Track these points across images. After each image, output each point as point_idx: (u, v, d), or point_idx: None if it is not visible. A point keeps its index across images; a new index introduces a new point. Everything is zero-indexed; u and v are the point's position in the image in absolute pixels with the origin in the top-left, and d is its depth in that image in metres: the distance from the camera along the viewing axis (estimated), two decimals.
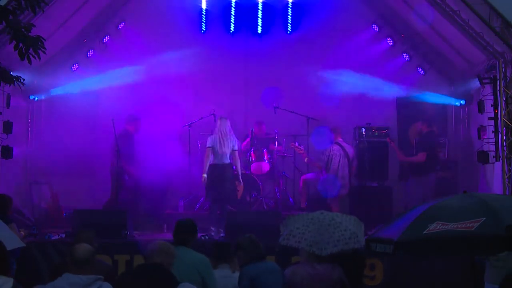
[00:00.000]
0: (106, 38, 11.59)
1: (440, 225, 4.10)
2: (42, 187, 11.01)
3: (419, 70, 11.73)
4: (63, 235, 8.77)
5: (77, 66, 11.50)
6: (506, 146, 9.16)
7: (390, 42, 11.74)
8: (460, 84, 11.22)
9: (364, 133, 10.88)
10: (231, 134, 9.44)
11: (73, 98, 10.95)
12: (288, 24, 11.86)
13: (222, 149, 9.26)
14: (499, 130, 9.19)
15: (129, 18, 11.65)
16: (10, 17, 6.37)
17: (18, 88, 7.18)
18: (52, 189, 10.80)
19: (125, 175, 9.91)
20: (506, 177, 9.10)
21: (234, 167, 9.57)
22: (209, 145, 9.40)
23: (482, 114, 9.73)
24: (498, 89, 9.26)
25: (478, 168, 10.17)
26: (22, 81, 6.80)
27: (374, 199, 10.39)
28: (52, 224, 10.20)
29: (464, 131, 11.47)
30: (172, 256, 4.97)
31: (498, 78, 9.29)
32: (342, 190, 10.24)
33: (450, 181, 10.76)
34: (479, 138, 9.83)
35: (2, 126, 9.71)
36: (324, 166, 10.30)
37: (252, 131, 11.14)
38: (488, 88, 9.62)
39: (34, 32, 6.30)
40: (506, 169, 9.12)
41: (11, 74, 6.88)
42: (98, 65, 11.26)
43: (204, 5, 11.79)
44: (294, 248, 4.80)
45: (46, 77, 11.05)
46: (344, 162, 10.26)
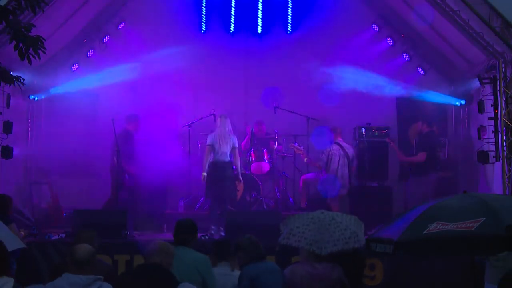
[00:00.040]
0: (106, 38, 11.59)
1: (440, 225, 4.10)
2: (42, 187, 11.02)
3: (419, 70, 11.73)
4: (63, 235, 8.77)
5: (77, 66, 11.50)
6: (506, 146, 9.16)
7: (390, 42, 11.74)
8: (460, 84, 11.22)
9: (364, 133, 10.88)
10: (231, 132, 9.45)
11: (73, 98, 10.95)
12: (288, 24, 11.91)
13: (222, 147, 9.26)
14: (499, 130, 9.19)
15: (129, 18, 11.64)
16: (10, 17, 6.36)
17: (18, 88, 7.17)
18: (52, 189, 10.79)
19: (125, 175, 9.91)
20: (506, 177, 9.09)
21: (234, 167, 9.57)
22: (208, 143, 9.41)
23: (482, 114, 9.73)
24: (498, 89, 9.26)
25: (478, 168, 10.16)
26: (22, 81, 6.78)
27: (374, 199, 10.40)
28: (52, 224, 10.20)
29: (464, 131, 11.47)
30: (171, 256, 4.96)
31: (498, 78, 9.28)
32: (342, 190, 10.24)
33: (450, 181, 10.76)
34: (479, 138, 9.83)
35: (2, 126, 9.70)
36: (323, 166, 10.30)
37: (251, 130, 11.14)
38: (488, 88, 9.61)
39: (34, 32, 6.29)
40: (506, 169, 9.12)
41: (11, 74, 6.86)
42: (98, 65, 11.25)
43: (204, 5, 11.82)
44: (294, 247, 4.79)
45: (46, 77, 11.05)
46: (344, 162, 10.26)
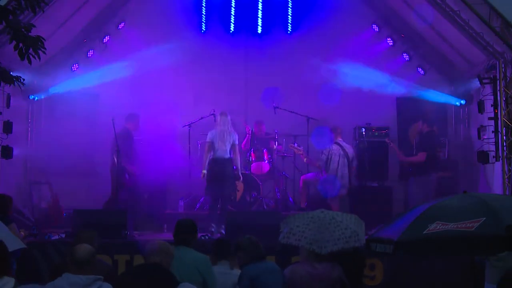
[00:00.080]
0: (106, 38, 11.58)
1: (440, 225, 4.10)
2: (42, 187, 11.01)
3: (419, 70, 11.72)
4: (63, 235, 8.76)
5: (77, 66, 11.49)
6: (506, 146, 9.16)
7: (390, 42, 11.73)
8: (460, 84, 11.22)
9: (364, 133, 10.88)
10: (232, 129, 9.45)
11: (73, 98, 10.94)
12: (288, 24, 11.92)
13: (221, 144, 9.27)
14: (499, 130, 9.19)
15: (129, 18, 11.65)
16: (10, 17, 6.35)
17: (18, 88, 7.17)
18: (52, 189, 10.79)
19: (125, 175, 9.90)
20: (506, 177, 9.09)
21: (235, 167, 9.58)
22: (208, 139, 9.45)
23: (482, 114, 9.73)
24: (498, 89, 9.26)
25: (478, 168, 10.16)
26: (22, 81, 6.78)
27: (374, 199, 10.40)
28: (52, 224, 10.18)
29: (464, 131, 11.47)
30: (171, 256, 4.96)
31: (498, 78, 9.28)
32: (342, 190, 10.24)
33: (450, 181, 10.75)
34: (479, 138, 9.83)
35: (2, 126, 9.71)
36: (323, 165, 10.30)
37: (251, 130, 11.14)
38: (488, 88, 9.61)
39: (34, 32, 6.29)
40: (506, 169, 9.12)
41: (11, 74, 6.86)
42: (98, 65, 11.25)
43: (204, 5, 11.82)
44: (294, 247, 4.79)
45: (46, 77, 11.04)
46: (343, 162, 10.26)
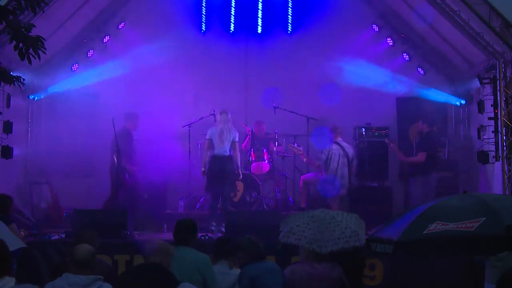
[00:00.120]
0: (106, 38, 11.57)
1: (440, 225, 4.10)
2: (42, 187, 11.00)
3: (419, 70, 11.71)
4: (63, 235, 8.75)
5: (77, 66, 11.49)
6: (506, 146, 9.16)
7: (390, 42, 11.72)
8: (460, 84, 11.21)
9: (364, 133, 10.88)
10: (232, 126, 9.45)
11: (73, 98, 10.94)
12: (288, 24, 11.92)
13: (221, 141, 9.28)
14: (499, 130, 9.19)
15: (129, 18, 11.64)
16: (10, 17, 6.36)
17: (18, 88, 7.17)
18: (52, 189, 10.79)
19: (125, 174, 9.91)
20: (506, 177, 9.10)
21: (235, 167, 9.59)
22: (207, 136, 9.49)
23: (482, 114, 9.73)
24: (498, 89, 9.26)
25: (478, 168, 10.16)
26: (22, 81, 6.78)
27: (374, 199, 10.39)
28: (52, 224, 10.18)
29: (464, 131, 11.46)
30: (171, 255, 4.97)
31: (498, 78, 9.29)
32: (342, 190, 10.23)
33: (450, 181, 10.75)
34: (479, 138, 9.83)
35: (2, 126, 9.71)
36: (323, 165, 10.30)
37: (251, 131, 11.13)
38: (488, 88, 9.61)
39: (34, 32, 6.29)
40: (506, 169, 9.12)
41: (11, 74, 6.86)
42: (98, 65, 11.25)
43: (204, 5, 11.82)
44: (294, 247, 4.79)
45: (46, 77, 11.04)
46: (343, 162, 10.26)
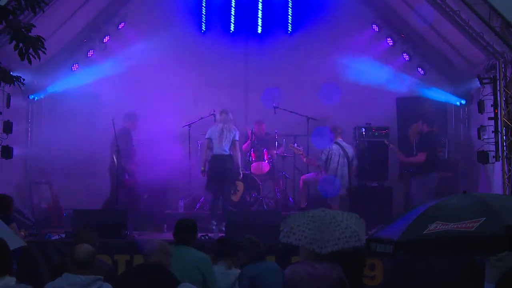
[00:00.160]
0: (106, 38, 11.58)
1: (440, 225, 4.10)
2: (42, 187, 11.02)
3: (419, 70, 11.71)
4: (63, 235, 8.75)
5: (77, 66, 11.49)
6: (506, 146, 9.15)
7: (390, 42, 11.72)
8: (460, 84, 11.21)
9: (364, 133, 10.86)
10: (232, 126, 9.45)
11: (73, 98, 10.94)
12: (288, 24, 11.93)
13: (220, 141, 9.29)
14: (499, 130, 9.18)
15: (129, 18, 11.64)
16: (10, 17, 6.35)
17: (18, 88, 7.17)
18: (52, 189, 10.79)
19: (125, 174, 9.91)
20: (506, 177, 9.09)
21: (235, 167, 9.59)
22: (207, 136, 9.53)
23: (482, 114, 9.72)
24: (498, 89, 9.26)
25: (478, 168, 10.16)
26: (22, 81, 6.78)
27: (374, 199, 10.37)
28: (52, 224, 10.20)
29: (464, 131, 11.46)
30: (170, 255, 4.97)
31: (498, 78, 9.28)
32: (342, 190, 10.24)
33: (450, 181, 10.75)
34: (479, 138, 9.82)
35: (2, 126, 9.71)
36: (323, 165, 10.30)
37: (252, 131, 11.12)
38: (488, 88, 9.61)
39: (34, 32, 6.29)
40: (506, 169, 9.11)
41: (11, 74, 6.86)
42: (98, 65, 11.25)
43: (204, 5, 11.82)
44: (295, 247, 4.79)
45: (46, 77, 11.05)
46: (343, 162, 10.26)
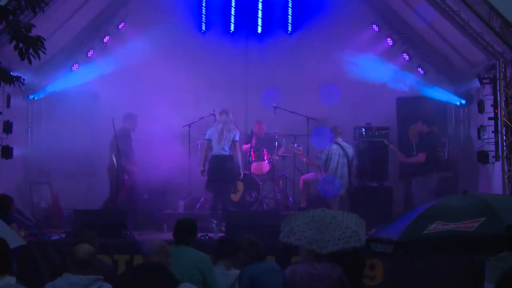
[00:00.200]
0: (106, 38, 11.58)
1: (440, 225, 4.10)
2: (42, 187, 11.01)
3: (419, 70, 11.71)
4: (63, 235, 8.76)
5: (77, 66, 11.49)
6: (506, 146, 9.16)
7: (390, 42, 11.72)
8: (460, 84, 11.21)
9: (364, 133, 10.87)
10: (232, 126, 9.45)
11: (73, 98, 10.93)
12: (288, 24, 11.93)
13: (220, 141, 9.30)
14: (499, 130, 9.19)
15: (129, 18, 11.65)
16: (10, 17, 6.35)
17: (18, 88, 7.17)
18: (52, 189, 10.80)
19: (124, 174, 9.91)
20: (506, 177, 9.09)
21: (236, 167, 9.59)
22: (206, 137, 9.58)
23: (482, 114, 9.73)
24: (498, 89, 9.26)
25: (478, 168, 10.16)
26: (22, 81, 6.78)
27: (374, 199, 10.38)
28: (52, 224, 10.20)
29: (464, 131, 11.45)
30: (169, 255, 4.97)
31: (498, 78, 9.28)
32: (342, 190, 10.23)
33: (450, 181, 10.75)
34: (479, 138, 9.82)
35: (2, 126, 9.71)
36: (322, 165, 10.30)
37: (252, 131, 11.11)
38: (488, 88, 9.61)
39: (34, 32, 6.29)
40: (506, 169, 9.11)
41: (11, 74, 6.86)
42: (98, 65, 11.26)
43: (204, 5, 11.83)
44: (295, 247, 4.79)
45: (46, 77, 11.05)
46: (343, 162, 10.24)
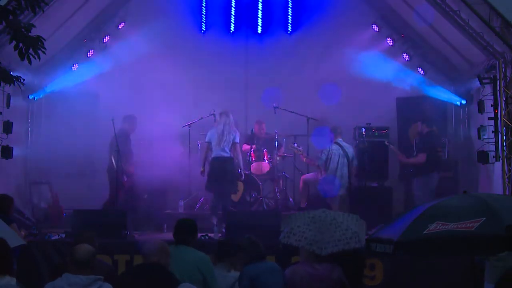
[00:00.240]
0: (106, 38, 11.58)
1: (440, 225, 4.10)
2: (42, 187, 11.01)
3: (419, 70, 11.71)
4: (63, 235, 8.75)
5: (77, 66, 11.49)
6: (506, 146, 9.15)
7: (390, 42, 11.72)
8: (460, 84, 11.21)
9: (364, 133, 10.86)
10: (232, 127, 9.45)
11: (73, 98, 10.93)
12: (288, 24, 11.94)
13: (220, 142, 9.30)
14: (499, 130, 9.18)
15: (129, 18, 11.65)
16: (10, 17, 6.35)
17: (18, 88, 7.18)
18: (52, 189, 10.80)
19: (123, 175, 9.90)
20: (506, 177, 9.09)
21: (236, 168, 9.59)
22: (206, 139, 9.59)
23: (482, 114, 9.72)
24: (498, 89, 9.25)
25: (478, 168, 10.16)
26: (22, 81, 6.79)
27: (374, 199, 10.38)
28: (52, 224, 10.20)
29: (464, 131, 11.45)
30: (169, 255, 4.97)
31: (498, 78, 9.28)
32: (342, 190, 10.23)
33: (450, 181, 10.75)
34: (479, 138, 9.82)
35: (2, 126, 9.71)
36: (322, 165, 10.30)
37: (252, 131, 11.10)
38: (488, 88, 9.61)
39: (34, 32, 6.29)
40: (506, 169, 9.11)
41: (11, 74, 6.86)
42: (98, 65, 11.25)
43: (204, 5, 11.83)
44: (295, 247, 4.79)
45: (46, 77, 11.05)
46: (343, 162, 10.24)
